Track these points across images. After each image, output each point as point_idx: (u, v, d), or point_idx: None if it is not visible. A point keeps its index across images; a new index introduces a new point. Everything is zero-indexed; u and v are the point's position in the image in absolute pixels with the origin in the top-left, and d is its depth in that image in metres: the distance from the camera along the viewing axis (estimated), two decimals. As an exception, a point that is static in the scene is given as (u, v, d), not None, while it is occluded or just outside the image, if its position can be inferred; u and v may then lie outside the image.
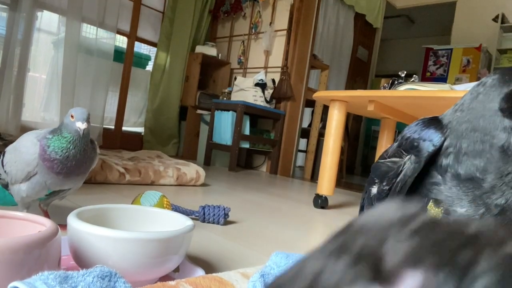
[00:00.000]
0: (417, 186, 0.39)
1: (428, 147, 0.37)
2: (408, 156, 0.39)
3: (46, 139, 0.69)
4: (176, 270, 0.62)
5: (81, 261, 0.52)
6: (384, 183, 0.41)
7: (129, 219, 0.65)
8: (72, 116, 0.68)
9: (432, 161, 0.38)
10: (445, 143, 0.37)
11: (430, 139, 0.37)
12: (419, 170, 0.38)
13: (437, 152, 0.37)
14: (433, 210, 0.37)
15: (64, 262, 0.59)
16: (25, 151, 0.69)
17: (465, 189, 0.35)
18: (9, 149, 0.74)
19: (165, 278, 0.59)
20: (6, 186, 0.76)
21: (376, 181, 0.43)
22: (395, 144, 0.42)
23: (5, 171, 0.73)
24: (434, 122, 0.39)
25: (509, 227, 0.33)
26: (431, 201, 0.38)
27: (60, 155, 0.68)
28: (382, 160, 0.42)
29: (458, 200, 0.36)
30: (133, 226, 0.64)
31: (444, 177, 0.37)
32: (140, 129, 3.50)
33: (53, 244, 0.45)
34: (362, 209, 0.51)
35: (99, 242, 0.50)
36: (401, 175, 0.39)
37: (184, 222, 0.61)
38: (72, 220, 0.53)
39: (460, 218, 0.33)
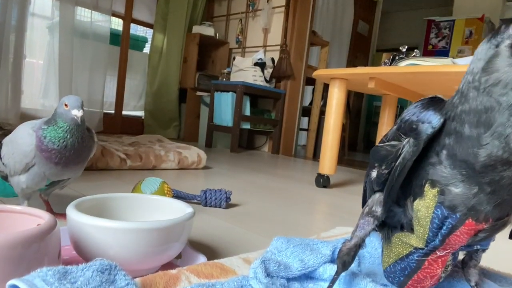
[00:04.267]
0: (416, 168, 0.38)
1: (426, 130, 0.36)
2: (407, 139, 0.38)
3: (41, 129, 0.68)
4: (178, 257, 0.62)
5: (82, 252, 0.52)
6: (383, 167, 0.41)
7: (129, 208, 0.65)
8: (66, 105, 0.67)
9: (430, 143, 0.37)
10: (448, 123, 0.36)
11: (429, 121, 0.36)
12: (418, 153, 0.37)
13: (436, 134, 0.36)
14: (429, 192, 0.37)
15: (66, 252, 0.59)
16: (21, 142, 0.68)
17: (458, 169, 0.35)
18: (6, 141, 0.73)
19: (167, 265, 0.59)
20: (5, 178, 0.76)
21: (376, 165, 0.43)
22: (395, 127, 0.42)
23: (3, 163, 0.72)
24: (433, 103, 0.37)
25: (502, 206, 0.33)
26: (427, 182, 0.37)
27: (57, 145, 0.67)
28: (381, 144, 0.42)
29: (453, 180, 0.35)
30: (133, 215, 0.64)
31: (439, 157, 0.36)
32: (141, 113, 3.49)
33: (52, 237, 0.45)
34: (364, 193, 0.50)
35: (99, 233, 0.50)
36: (400, 159, 0.38)
37: (184, 209, 0.61)
38: (71, 212, 0.52)
39: None
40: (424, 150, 0.37)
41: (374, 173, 0.43)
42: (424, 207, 0.38)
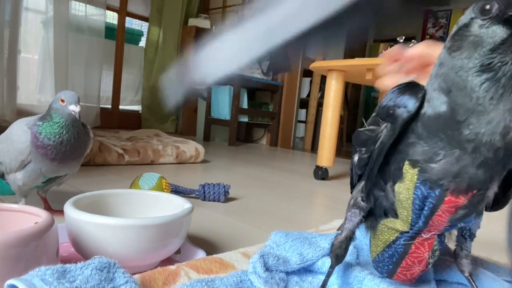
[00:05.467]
0: (394, 152, 0.40)
1: (402, 114, 0.37)
2: (384, 124, 0.39)
3: (36, 126, 0.67)
4: (178, 252, 0.62)
5: (81, 249, 0.52)
6: (363, 151, 0.43)
7: (127, 204, 0.65)
8: (62, 100, 0.67)
9: (407, 126, 0.38)
10: (424, 104, 0.37)
11: (405, 106, 0.37)
12: (395, 137, 0.38)
13: (413, 118, 0.37)
14: (408, 173, 0.38)
15: (65, 249, 0.59)
16: (16, 139, 0.68)
17: (436, 134, 0.36)
18: (0, 138, 0.73)
19: (167, 260, 0.59)
20: (2, 175, 0.76)
21: (357, 149, 0.44)
22: (374, 113, 0.42)
23: None
24: (409, 88, 0.38)
25: (486, 165, 0.33)
26: (406, 163, 0.38)
27: (53, 141, 0.67)
28: (362, 129, 0.43)
29: (434, 148, 0.36)
30: (131, 211, 0.64)
31: (416, 132, 0.37)
32: (138, 107, 3.47)
33: (50, 235, 0.45)
34: (352, 180, 0.51)
35: (98, 230, 0.50)
36: (378, 143, 0.40)
37: (183, 204, 0.61)
38: (69, 209, 0.52)
39: None
40: (401, 134, 0.39)
41: (355, 157, 0.44)
42: (404, 189, 0.39)
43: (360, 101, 5.41)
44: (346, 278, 0.51)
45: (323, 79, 3.20)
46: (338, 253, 0.47)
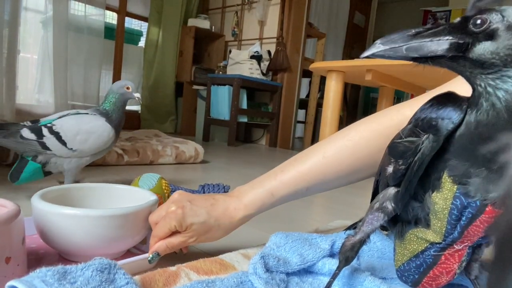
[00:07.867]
0: (434, 162, 0.39)
1: (447, 125, 0.36)
2: (426, 136, 0.38)
3: (107, 118, 0.93)
4: (143, 242, 0.63)
5: (48, 239, 0.54)
6: (400, 162, 0.41)
7: (94, 197, 0.67)
8: (128, 88, 0.97)
9: (448, 139, 0.37)
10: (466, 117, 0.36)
11: (449, 117, 0.36)
12: (437, 148, 0.37)
13: (455, 130, 0.36)
14: (447, 182, 0.37)
15: (34, 241, 0.61)
16: (105, 134, 0.91)
17: (461, 151, 0.35)
18: (75, 131, 0.88)
19: (130, 251, 0.62)
20: (43, 165, 0.89)
21: (392, 160, 0.42)
22: (409, 125, 0.41)
23: (71, 149, 0.88)
24: (451, 100, 0.37)
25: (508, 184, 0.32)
26: (445, 173, 0.37)
27: (118, 122, 0.95)
28: (399, 140, 0.42)
29: (465, 166, 0.36)
30: (97, 204, 0.67)
31: (447, 148, 0.37)
32: (137, 107, 3.47)
33: (15, 225, 0.46)
34: (376, 190, 0.50)
35: (63, 220, 0.52)
36: (418, 154, 0.39)
37: (148, 197, 0.63)
38: (35, 201, 0.54)
39: None
40: (442, 146, 0.38)
41: (390, 169, 0.43)
42: (441, 199, 0.38)
43: (359, 101, 5.42)
44: (347, 279, 0.51)
45: (323, 79, 3.21)
46: (349, 255, 0.45)
